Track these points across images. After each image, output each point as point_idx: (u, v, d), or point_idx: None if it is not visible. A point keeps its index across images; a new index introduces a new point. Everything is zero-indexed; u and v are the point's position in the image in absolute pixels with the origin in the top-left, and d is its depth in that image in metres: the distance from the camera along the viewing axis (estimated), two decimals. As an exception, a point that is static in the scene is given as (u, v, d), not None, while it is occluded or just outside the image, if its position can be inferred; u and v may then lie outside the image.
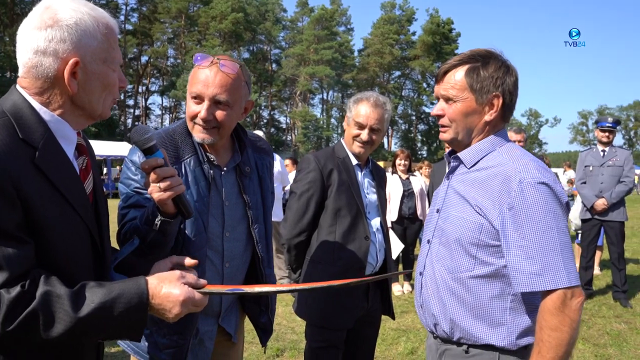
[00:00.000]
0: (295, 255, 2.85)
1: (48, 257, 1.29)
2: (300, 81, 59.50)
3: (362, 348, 2.94)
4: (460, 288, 1.71)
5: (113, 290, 1.29)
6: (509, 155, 1.72)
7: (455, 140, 1.81)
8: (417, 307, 1.95)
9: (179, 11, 56.01)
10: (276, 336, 5.08)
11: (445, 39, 65.63)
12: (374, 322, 2.97)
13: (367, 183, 2.89)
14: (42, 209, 1.26)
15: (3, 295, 1.18)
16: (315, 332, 2.80)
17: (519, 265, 1.57)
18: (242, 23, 55.93)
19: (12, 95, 1.35)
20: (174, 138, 1.96)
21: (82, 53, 1.33)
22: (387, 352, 4.79)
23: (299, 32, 63.77)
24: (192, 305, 1.39)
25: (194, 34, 58.17)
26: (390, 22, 65.55)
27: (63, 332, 1.22)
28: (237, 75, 1.91)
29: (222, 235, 2.02)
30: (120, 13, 57.63)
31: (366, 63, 65.25)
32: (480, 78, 1.73)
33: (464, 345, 1.74)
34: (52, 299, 1.22)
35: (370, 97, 2.76)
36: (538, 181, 1.60)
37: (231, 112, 1.93)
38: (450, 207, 1.81)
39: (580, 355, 4.76)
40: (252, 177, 2.11)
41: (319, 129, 59.27)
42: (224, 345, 2.17)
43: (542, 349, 1.53)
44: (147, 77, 62.35)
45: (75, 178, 1.39)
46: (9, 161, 1.21)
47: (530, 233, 1.56)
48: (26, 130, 1.29)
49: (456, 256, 1.72)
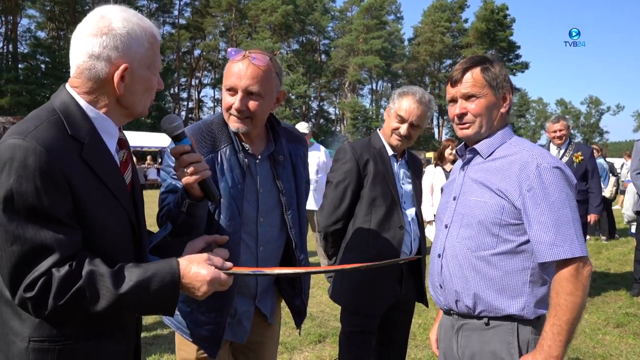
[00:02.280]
0: (331, 242, 2.93)
1: (94, 241, 1.43)
2: (349, 72, 59.21)
3: (396, 334, 3.00)
4: (483, 265, 1.89)
5: (149, 270, 1.43)
6: (521, 146, 1.94)
7: (478, 134, 1.99)
8: (434, 288, 2.10)
9: (230, 5, 56.90)
10: (319, 322, 5.20)
11: (499, 26, 63.47)
12: (408, 309, 3.02)
13: (402, 173, 2.93)
14: (88, 198, 1.40)
15: (54, 273, 1.32)
16: (349, 317, 2.89)
17: (540, 237, 1.78)
18: (292, 15, 56.21)
19: (62, 93, 1.49)
20: (212, 129, 2.09)
21: (130, 59, 1.47)
22: (428, 340, 4.78)
23: (348, 22, 63.36)
24: (218, 284, 1.52)
25: (245, 27, 58.94)
26: (441, 10, 64.02)
27: (106, 307, 1.36)
28: (268, 67, 2.00)
29: (257, 220, 2.13)
30: (174, 8, 59.25)
31: (416, 52, 64.10)
32: (494, 75, 1.95)
33: (485, 318, 1.91)
34: (97, 277, 1.36)
35: (416, 93, 2.79)
36: (553, 165, 1.83)
37: (263, 103, 2.02)
38: (469, 193, 1.99)
39: (631, 350, 4.62)
40: (285, 166, 2.21)
41: (368, 119, 58.88)
42: (261, 325, 2.29)
43: (559, 312, 1.74)
44: (200, 70, 63.87)
45: (116, 170, 1.53)
46: (61, 156, 1.35)
47: (548, 210, 1.77)
48: (74, 127, 1.43)
49: (479, 236, 1.90)
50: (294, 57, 56.35)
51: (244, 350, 2.32)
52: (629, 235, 10.61)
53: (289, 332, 4.77)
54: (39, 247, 1.32)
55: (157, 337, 4.69)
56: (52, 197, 1.32)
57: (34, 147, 1.31)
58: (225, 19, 59.32)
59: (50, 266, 1.32)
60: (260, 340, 2.32)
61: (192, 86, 64.10)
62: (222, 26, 60.86)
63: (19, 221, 1.31)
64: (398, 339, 3.02)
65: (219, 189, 2.00)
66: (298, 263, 2.24)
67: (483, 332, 1.91)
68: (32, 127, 1.36)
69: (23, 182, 1.30)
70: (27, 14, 47.95)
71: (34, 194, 1.31)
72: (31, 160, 1.31)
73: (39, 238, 1.32)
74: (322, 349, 4.56)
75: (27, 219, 1.31)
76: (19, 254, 1.31)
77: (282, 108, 50.09)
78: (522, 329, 1.87)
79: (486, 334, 1.91)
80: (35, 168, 1.30)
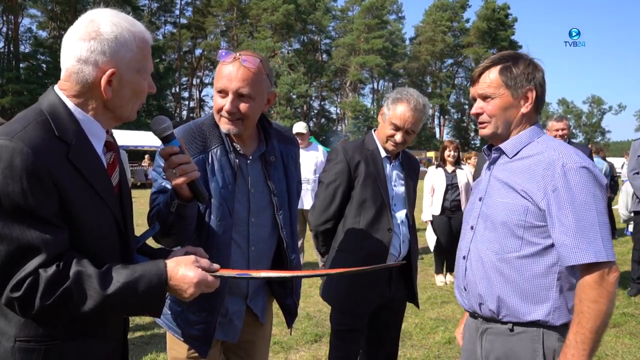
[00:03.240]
0: (322, 241, 2.97)
1: (80, 241, 1.44)
2: (350, 71, 59.26)
3: (386, 334, 3.02)
4: (507, 268, 1.83)
5: (136, 271, 1.44)
6: (549, 144, 1.88)
7: (495, 134, 1.96)
8: (458, 291, 2.06)
9: (231, 4, 56.96)
10: (316, 322, 5.22)
11: (500, 25, 63.46)
12: (398, 309, 3.04)
13: (395, 175, 2.93)
14: (75, 199, 1.41)
15: (41, 274, 1.33)
16: (339, 316, 2.93)
17: (563, 240, 1.71)
18: (293, 14, 56.23)
19: (50, 95, 1.51)
20: (202, 129, 2.09)
21: (118, 64, 1.47)
22: (425, 340, 4.82)
23: (349, 22, 63.41)
24: (205, 286, 1.53)
25: (246, 26, 59.01)
26: (442, 9, 64.11)
27: (93, 308, 1.37)
28: (258, 69, 2.01)
29: (248, 220, 2.14)
30: (175, 7, 59.37)
31: (418, 51, 64.21)
32: (513, 75, 1.89)
33: (509, 323, 1.85)
34: (84, 278, 1.37)
35: (410, 100, 2.73)
36: (580, 165, 1.74)
37: (254, 104, 2.03)
38: (494, 194, 1.94)
39: (627, 350, 4.62)
40: (277, 166, 2.21)
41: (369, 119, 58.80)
42: (252, 325, 2.30)
43: (582, 320, 1.66)
44: (201, 70, 64.00)
45: (103, 171, 1.54)
46: (47, 156, 1.36)
47: (573, 212, 1.70)
48: (61, 129, 1.44)
49: (503, 238, 1.85)
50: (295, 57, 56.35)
51: (235, 350, 2.33)
52: (624, 235, 10.64)
53: (285, 331, 4.78)
54: (26, 247, 1.33)
55: (154, 336, 4.71)
56: (38, 197, 1.34)
57: (21, 148, 1.32)
58: (227, 18, 59.42)
59: (37, 266, 1.34)
60: (251, 339, 2.33)
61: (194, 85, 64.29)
62: (223, 25, 60.95)
63: (6, 221, 1.32)
64: (388, 338, 3.03)
65: (210, 189, 2.01)
66: (289, 263, 2.25)
67: (507, 338, 1.86)
68: (20, 128, 1.37)
69: (9, 182, 1.31)
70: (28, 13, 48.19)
71: (21, 194, 1.32)
72: (18, 161, 1.32)
73: (25, 238, 1.33)
74: (318, 349, 4.57)
75: (14, 219, 1.32)
76: (5, 253, 1.32)
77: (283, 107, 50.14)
78: (548, 335, 1.80)
79: (511, 340, 1.85)
80: (21, 169, 1.32)
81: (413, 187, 3.02)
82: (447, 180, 6.82)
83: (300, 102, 55.11)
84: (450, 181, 6.83)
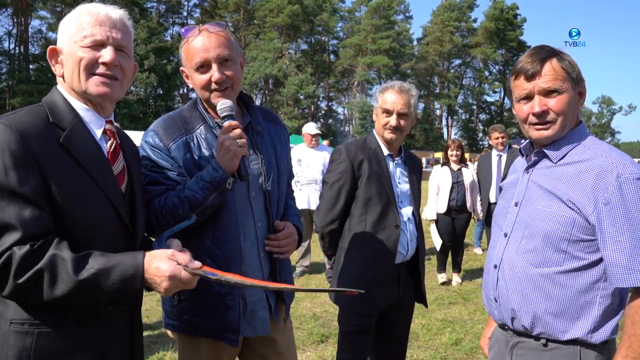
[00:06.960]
0: (328, 242, 2.96)
1: (68, 225, 1.45)
2: (357, 71, 59.15)
3: (394, 334, 3.01)
4: (546, 282, 1.70)
5: (112, 260, 1.43)
6: (597, 150, 1.69)
7: (558, 136, 1.75)
8: (488, 300, 1.93)
9: (237, 5, 57.09)
10: (322, 323, 5.21)
11: (509, 25, 63.10)
12: (406, 309, 3.02)
13: (399, 173, 2.93)
14: (63, 182, 1.43)
15: (15, 251, 1.34)
16: (347, 317, 2.91)
17: (616, 260, 1.57)
18: (300, 15, 56.23)
19: (52, 91, 1.61)
20: (182, 115, 2.09)
21: (62, 42, 1.57)
22: (431, 341, 4.80)
23: (356, 22, 63.30)
24: (179, 281, 1.48)
25: (253, 27, 59.13)
26: (450, 9, 63.83)
27: (66, 292, 1.37)
28: (227, 33, 2.01)
29: (249, 195, 2.07)
30: (183, 9, 59.55)
31: (425, 52, 63.95)
32: (572, 67, 1.70)
33: (543, 339, 1.74)
34: (58, 260, 1.37)
35: (394, 85, 2.84)
36: (636, 177, 1.57)
37: (237, 67, 2.03)
38: (534, 201, 1.77)
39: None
40: (264, 136, 2.17)
41: (376, 119, 58.57)
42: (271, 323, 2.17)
43: (634, 343, 1.54)
44: (209, 71, 64.04)
45: (100, 158, 1.57)
46: (34, 138, 1.40)
47: (628, 229, 1.55)
48: (57, 116, 1.51)
49: (544, 250, 1.71)
50: (303, 58, 56.37)
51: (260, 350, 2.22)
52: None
53: (292, 332, 4.78)
54: (2, 224, 1.35)
55: (161, 335, 4.72)
56: (19, 175, 1.36)
57: (4, 128, 1.37)
58: (233, 19, 59.54)
59: (12, 244, 1.34)
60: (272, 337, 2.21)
61: (201, 86, 64.25)
62: (230, 27, 61.10)
63: None
64: (396, 338, 3.02)
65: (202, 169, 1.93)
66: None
67: (541, 353, 1.74)
68: (12, 114, 1.45)
69: None
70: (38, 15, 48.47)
71: (2, 171, 1.35)
72: (0, 139, 1.36)
73: (2, 215, 1.35)
74: (324, 349, 4.56)
75: None
76: None
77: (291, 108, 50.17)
78: (586, 353, 1.68)
79: (544, 356, 1.74)
80: (4, 147, 1.35)
81: (417, 185, 3.02)
82: (453, 178, 6.83)
83: (308, 103, 55.11)
84: (456, 179, 6.84)
